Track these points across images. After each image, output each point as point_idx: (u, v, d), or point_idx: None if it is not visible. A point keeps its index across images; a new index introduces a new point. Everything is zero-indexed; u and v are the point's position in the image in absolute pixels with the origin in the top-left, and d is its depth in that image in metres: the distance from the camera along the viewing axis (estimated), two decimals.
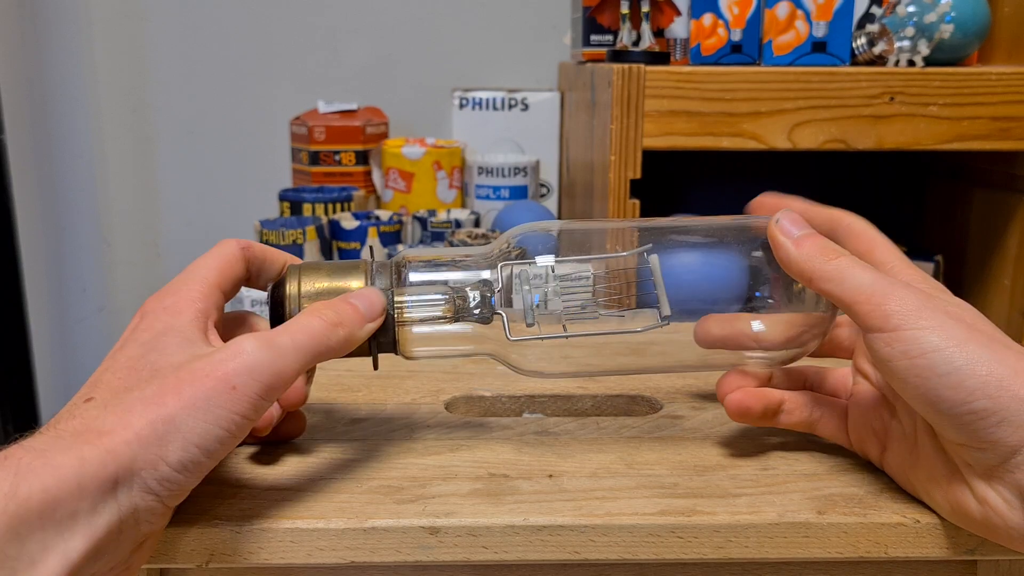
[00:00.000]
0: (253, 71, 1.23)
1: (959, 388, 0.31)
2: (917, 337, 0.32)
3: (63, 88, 1.22)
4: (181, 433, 0.31)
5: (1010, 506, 0.31)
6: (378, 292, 0.37)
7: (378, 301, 0.37)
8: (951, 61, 0.80)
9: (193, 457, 0.31)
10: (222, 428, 0.31)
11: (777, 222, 0.37)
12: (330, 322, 0.35)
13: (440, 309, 0.38)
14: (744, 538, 0.35)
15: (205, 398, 0.31)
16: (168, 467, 0.30)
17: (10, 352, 1.08)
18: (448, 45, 1.22)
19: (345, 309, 0.36)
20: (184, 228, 1.28)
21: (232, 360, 0.32)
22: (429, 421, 0.44)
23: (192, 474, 0.31)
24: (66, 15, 1.20)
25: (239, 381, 0.32)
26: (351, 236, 0.93)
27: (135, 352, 0.34)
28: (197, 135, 1.25)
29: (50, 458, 0.28)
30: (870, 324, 0.33)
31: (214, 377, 0.32)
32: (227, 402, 0.32)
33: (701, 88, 0.76)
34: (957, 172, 0.95)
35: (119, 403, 0.31)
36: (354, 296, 0.37)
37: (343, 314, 0.36)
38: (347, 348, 0.36)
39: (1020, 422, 0.30)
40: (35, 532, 0.27)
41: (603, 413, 0.47)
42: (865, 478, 0.38)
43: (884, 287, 0.33)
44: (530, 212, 0.99)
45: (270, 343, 0.33)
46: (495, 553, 0.35)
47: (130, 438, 0.30)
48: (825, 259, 0.35)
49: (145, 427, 0.30)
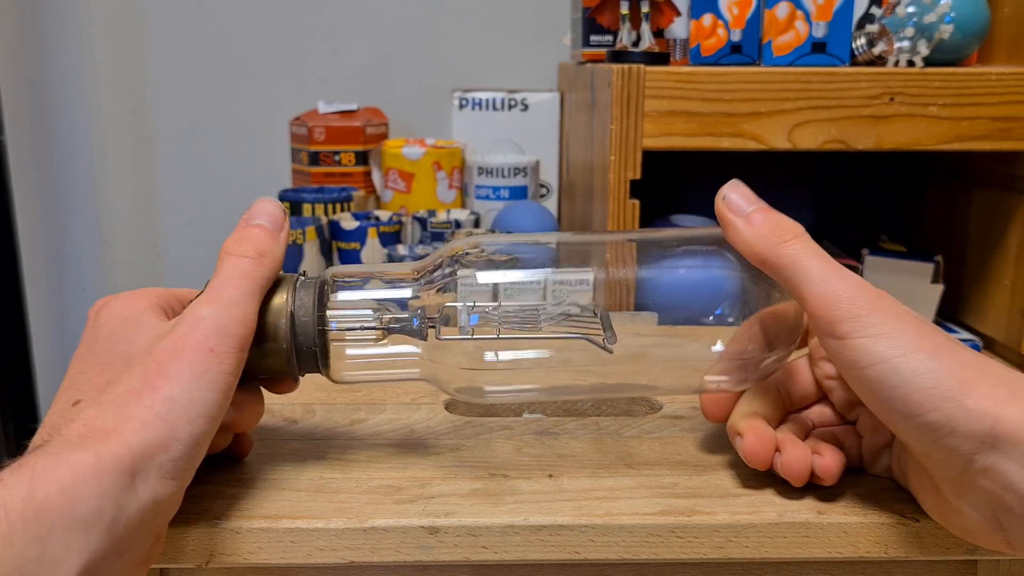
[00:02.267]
0: (253, 71, 1.23)
1: (907, 401, 0.31)
2: (865, 346, 0.31)
3: (63, 88, 1.22)
4: (183, 408, 0.31)
5: (982, 515, 0.31)
6: (270, 201, 0.38)
7: (275, 210, 0.38)
8: (951, 61, 0.80)
9: (200, 428, 0.31)
10: (217, 391, 0.32)
11: (724, 198, 0.36)
12: (254, 255, 0.36)
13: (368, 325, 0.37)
14: (744, 538, 0.35)
15: (191, 368, 0.32)
16: (180, 445, 0.31)
17: (10, 352, 1.08)
18: (448, 45, 1.22)
19: (256, 236, 0.36)
20: (184, 228, 1.28)
21: (197, 327, 0.33)
22: (429, 421, 0.44)
23: (201, 446, 0.32)
24: (66, 15, 1.20)
25: (214, 343, 0.33)
26: (351, 236, 0.93)
27: (101, 347, 0.34)
28: (197, 135, 1.25)
29: (65, 459, 0.28)
30: (820, 328, 0.33)
31: (190, 347, 0.32)
32: (212, 364, 0.32)
33: (701, 88, 0.76)
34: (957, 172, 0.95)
35: (110, 399, 0.31)
36: (255, 216, 0.37)
37: (259, 242, 0.36)
38: (279, 265, 0.37)
39: (969, 431, 0.30)
40: (56, 533, 0.27)
41: (603, 413, 0.47)
42: (865, 478, 0.38)
43: (834, 285, 0.32)
44: (530, 212, 0.99)
45: (220, 299, 0.34)
46: (495, 553, 0.35)
47: (137, 427, 0.30)
48: (778, 239, 0.34)
49: (146, 413, 0.31)
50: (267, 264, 0.36)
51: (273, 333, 0.36)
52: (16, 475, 0.28)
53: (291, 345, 0.36)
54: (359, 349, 0.37)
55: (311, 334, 0.36)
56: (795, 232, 0.34)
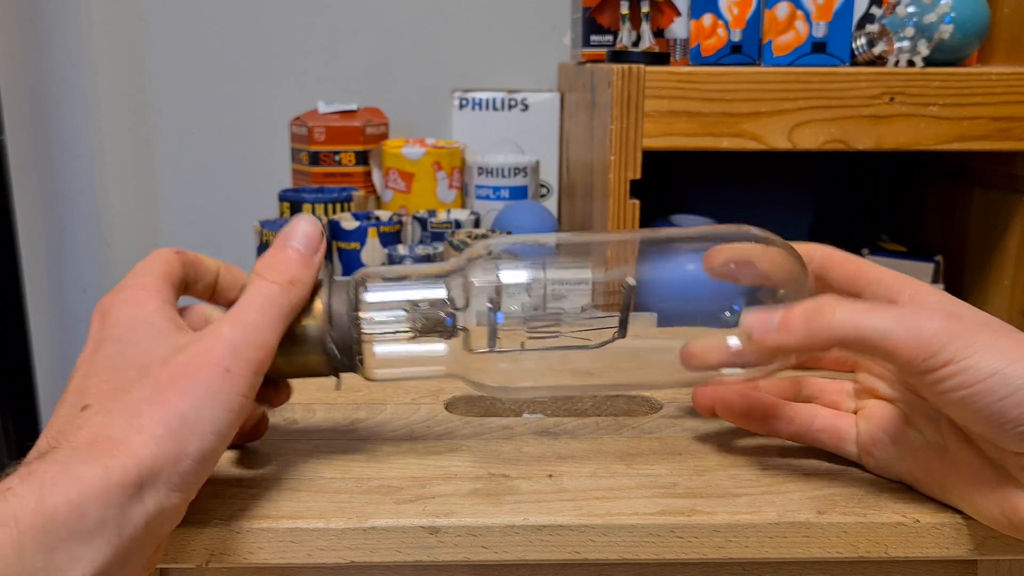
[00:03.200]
0: (253, 72, 1.23)
1: (1022, 406, 0.31)
2: (970, 367, 0.31)
3: (63, 88, 1.22)
4: (195, 425, 0.31)
5: None
6: (310, 220, 0.37)
7: (312, 232, 0.37)
8: (951, 61, 0.80)
9: (210, 445, 0.32)
10: (230, 411, 0.32)
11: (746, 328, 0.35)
12: (284, 282, 0.35)
13: (402, 326, 0.37)
14: (744, 538, 0.35)
15: (206, 387, 0.32)
16: (190, 460, 0.31)
17: (10, 352, 1.08)
18: (448, 45, 1.22)
19: (290, 260, 0.36)
20: (184, 228, 1.28)
21: (216, 346, 0.33)
22: (429, 421, 0.44)
23: (210, 462, 0.32)
24: (66, 15, 1.20)
25: (231, 364, 0.32)
26: (351, 236, 0.93)
27: (110, 351, 0.33)
28: (197, 136, 1.25)
29: (73, 469, 0.29)
30: (917, 368, 0.32)
31: (207, 366, 0.32)
32: (227, 385, 0.32)
33: (701, 88, 0.76)
34: (957, 172, 0.95)
35: (120, 408, 0.31)
36: (291, 237, 0.37)
37: (291, 268, 0.36)
38: (307, 294, 0.36)
39: None
40: (62, 543, 0.28)
41: (603, 413, 0.47)
42: (865, 478, 0.38)
43: (909, 327, 0.32)
44: (530, 213, 0.99)
45: (242, 322, 0.34)
46: (495, 553, 0.35)
47: (147, 440, 0.30)
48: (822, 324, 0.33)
49: (158, 427, 0.30)
50: (296, 291, 0.36)
51: (310, 335, 0.37)
52: (26, 484, 0.28)
53: (329, 347, 0.37)
54: (393, 348, 0.38)
55: (347, 335, 0.37)
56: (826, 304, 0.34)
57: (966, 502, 0.35)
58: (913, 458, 0.37)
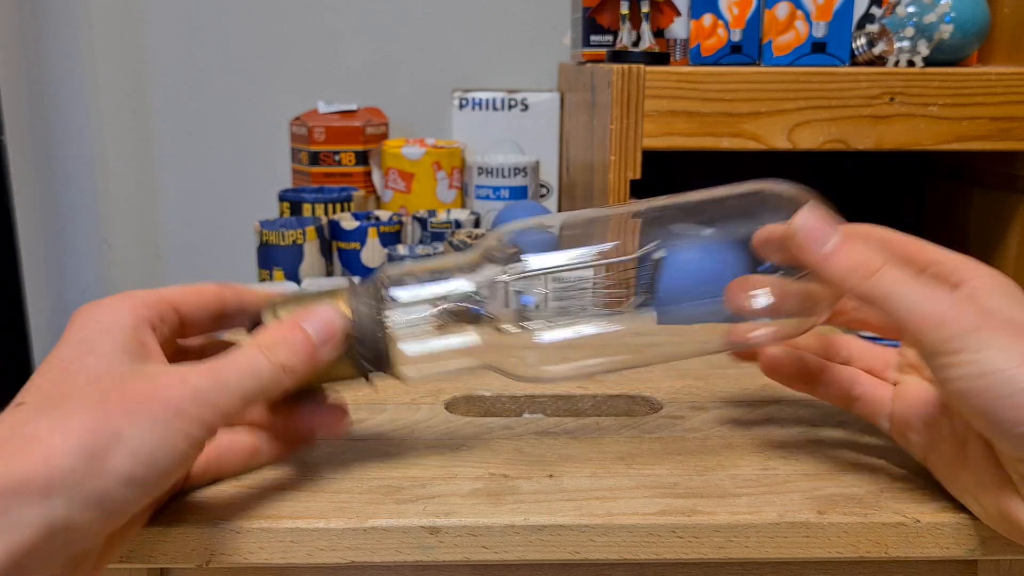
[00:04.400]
0: (253, 72, 1.23)
1: (1019, 409, 0.31)
2: (977, 359, 0.31)
3: (63, 88, 1.22)
4: (129, 445, 0.29)
5: None
6: (337, 313, 0.36)
7: (335, 323, 0.36)
8: (951, 61, 0.80)
9: (142, 472, 0.29)
10: (172, 449, 0.30)
11: (796, 235, 0.35)
12: (279, 365, 0.34)
13: (431, 324, 0.37)
14: (744, 538, 0.35)
15: (152, 418, 0.30)
16: (114, 481, 0.28)
17: (10, 352, 1.08)
18: (448, 45, 1.23)
19: (295, 345, 0.34)
20: (184, 228, 1.28)
21: (177, 388, 0.31)
22: (429, 421, 0.44)
23: (138, 492, 0.29)
24: (66, 15, 1.20)
25: (183, 407, 0.31)
26: (351, 236, 0.93)
27: (68, 354, 0.32)
28: (197, 136, 1.25)
29: None
30: (926, 348, 0.32)
31: (161, 401, 0.30)
32: (176, 424, 0.30)
33: (701, 88, 0.76)
34: (957, 172, 0.95)
35: (55, 408, 0.29)
36: (310, 321, 0.35)
37: (292, 355, 0.34)
38: (294, 386, 0.35)
39: None
40: None
41: (603, 413, 0.47)
42: (865, 478, 0.38)
43: (934, 307, 0.32)
44: (530, 213, 0.99)
45: (216, 377, 0.32)
46: (495, 553, 0.35)
47: (70, 447, 0.28)
48: (865, 274, 0.33)
49: (87, 435, 0.28)
50: (286, 380, 0.34)
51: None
52: None
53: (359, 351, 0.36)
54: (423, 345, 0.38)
55: (374, 338, 0.36)
56: (879, 262, 0.34)
57: (969, 497, 0.35)
58: (940, 447, 0.36)
